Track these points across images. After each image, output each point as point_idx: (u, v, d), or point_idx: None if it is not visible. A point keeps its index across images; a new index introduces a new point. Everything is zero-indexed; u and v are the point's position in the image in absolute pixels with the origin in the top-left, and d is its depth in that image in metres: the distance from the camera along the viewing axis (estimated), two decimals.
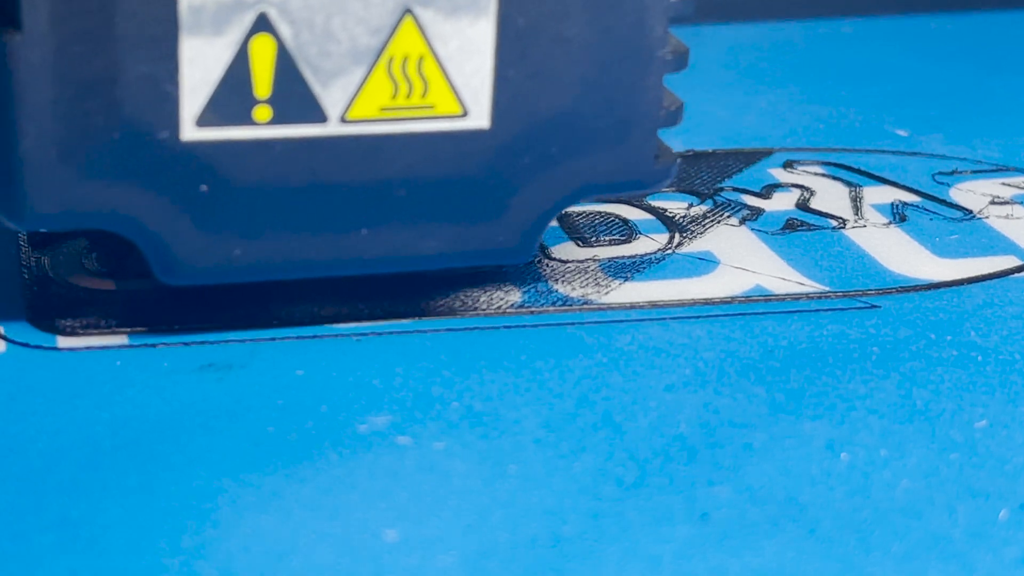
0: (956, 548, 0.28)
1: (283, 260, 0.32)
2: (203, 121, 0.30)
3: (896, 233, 0.39)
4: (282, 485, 0.29)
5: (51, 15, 0.29)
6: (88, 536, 0.27)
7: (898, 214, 0.40)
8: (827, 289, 0.36)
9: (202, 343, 0.33)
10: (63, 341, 0.33)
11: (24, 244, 0.36)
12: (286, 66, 0.30)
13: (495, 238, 0.33)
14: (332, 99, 0.31)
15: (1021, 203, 0.41)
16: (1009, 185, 0.42)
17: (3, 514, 0.28)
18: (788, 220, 0.39)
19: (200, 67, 0.30)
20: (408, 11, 0.31)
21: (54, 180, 0.30)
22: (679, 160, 0.34)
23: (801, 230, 0.39)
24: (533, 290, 0.35)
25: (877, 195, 0.41)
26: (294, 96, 0.31)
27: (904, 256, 0.38)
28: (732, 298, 0.35)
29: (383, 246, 0.32)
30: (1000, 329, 0.35)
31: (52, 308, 0.34)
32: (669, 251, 0.37)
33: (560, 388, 0.32)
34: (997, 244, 0.38)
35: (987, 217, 0.40)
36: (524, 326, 0.34)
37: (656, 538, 0.28)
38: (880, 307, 0.35)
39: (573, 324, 0.34)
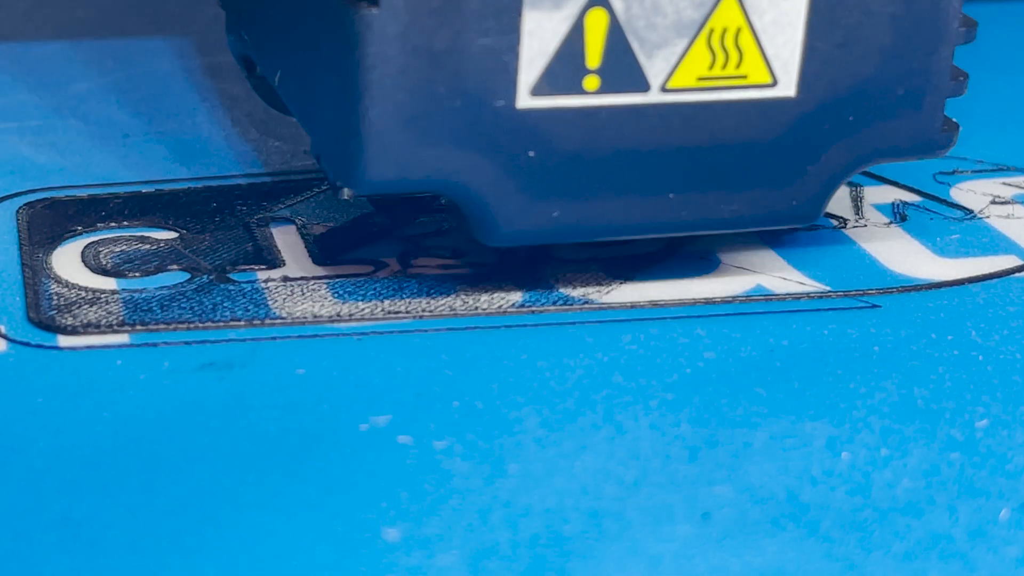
0: (956, 548, 0.28)
1: (596, 222, 0.33)
2: (537, 90, 0.32)
3: (897, 233, 0.39)
4: (282, 484, 0.29)
5: None
6: (88, 536, 0.27)
7: (899, 214, 0.40)
8: (828, 289, 0.36)
9: (202, 343, 0.33)
10: (63, 340, 0.33)
11: (25, 243, 0.36)
12: (616, 38, 0.32)
13: (789, 201, 0.34)
14: (655, 69, 0.32)
15: (1021, 203, 0.41)
16: (1009, 185, 0.42)
17: (3, 514, 0.28)
18: None
19: (538, 39, 0.31)
20: None
21: (395, 147, 0.31)
22: (959, 129, 0.35)
23: (802, 229, 0.39)
24: (533, 290, 0.35)
25: (878, 194, 0.41)
26: (621, 66, 0.32)
27: (905, 256, 0.38)
28: (732, 298, 0.35)
29: (688, 209, 0.33)
30: (1000, 329, 0.35)
31: (52, 307, 0.34)
32: (670, 250, 0.37)
33: (560, 388, 0.32)
34: (998, 244, 0.38)
35: (988, 217, 0.40)
36: (524, 326, 0.34)
37: (657, 537, 0.28)
38: (881, 307, 0.35)
39: (573, 324, 0.34)
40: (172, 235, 0.37)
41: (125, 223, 0.37)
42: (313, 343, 0.33)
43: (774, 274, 0.36)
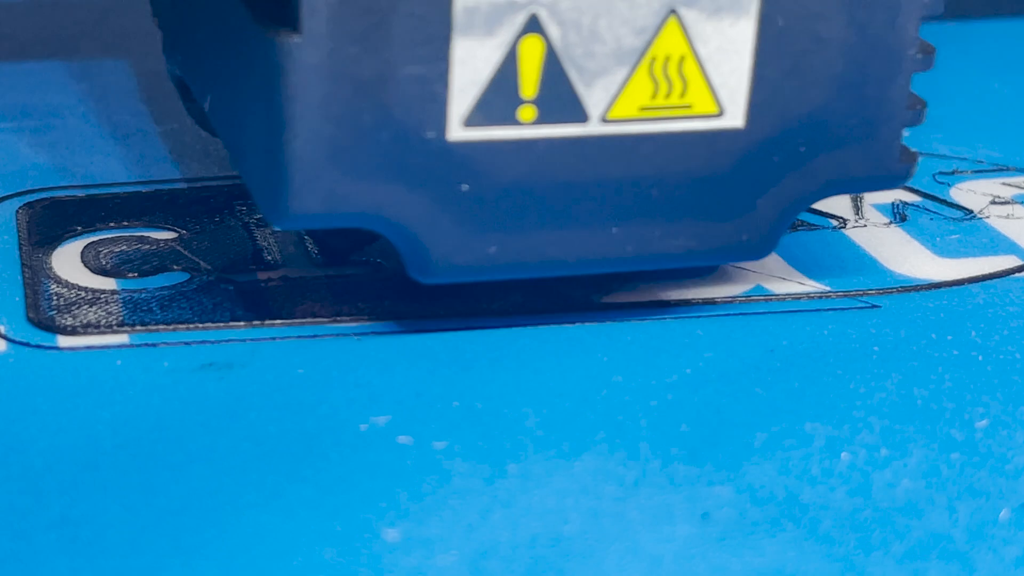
0: (956, 548, 0.28)
1: (535, 258, 0.32)
2: (470, 121, 0.30)
3: (896, 233, 0.39)
4: (282, 484, 0.29)
5: (330, 18, 0.29)
6: (88, 536, 0.27)
7: (899, 214, 0.40)
8: (827, 289, 0.36)
9: (202, 343, 0.33)
10: (63, 340, 0.33)
11: (24, 243, 0.36)
12: (552, 66, 0.31)
13: (739, 236, 0.33)
14: (594, 99, 0.31)
15: (1021, 203, 0.41)
16: (1009, 185, 0.42)
17: (3, 514, 0.28)
18: None
19: (470, 68, 0.30)
20: (673, 12, 0.31)
21: (320, 180, 0.30)
22: (919, 159, 0.34)
23: (801, 229, 0.39)
24: (533, 290, 0.35)
25: (878, 194, 0.41)
26: (558, 96, 0.31)
27: (904, 256, 0.38)
28: (732, 298, 0.35)
29: (632, 244, 0.32)
30: (1000, 329, 0.35)
31: (52, 307, 0.34)
32: None
33: (560, 388, 0.32)
34: (997, 244, 0.38)
35: (987, 217, 0.40)
36: (524, 326, 0.34)
37: (657, 538, 0.28)
38: (880, 307, 0.35)
39: (573, 324, 0.34)
40: (172, 235, 0.37)
41: (125, 223, 0.37)
42: (313, 343, 0.33)
43: (774, 274, 0.36)
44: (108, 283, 0.35)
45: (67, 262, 0.35)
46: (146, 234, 0.37)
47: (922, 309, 0.35)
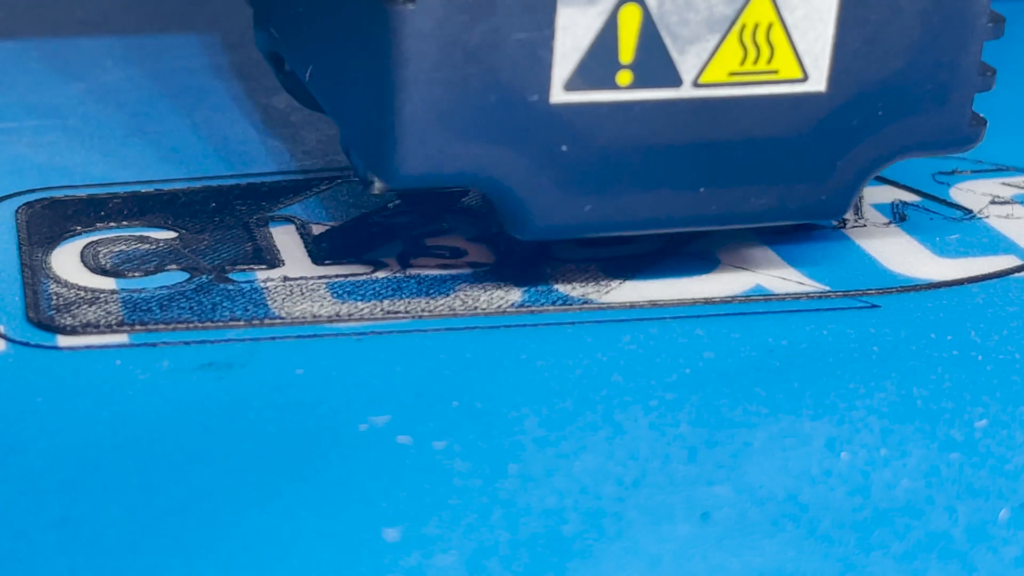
0: (956, 548, 0.28)
1: (627, 216, 0.33)
2: (571, 85, 0.32)
3: (896, 233, 0.39)
4: (282, 484, 0.29)
5: None
6: (88, 536, 0.27)
7: (898, 214, 0.40)
8: (827, 289, 0.36)
9: (201, 343, 0.33)
10: (63, 340, 0.33)
11: (24, 243, 0.36)
12: (649, 33, 0.32)
13: (818, 196, 0.34)
14: (687, 64, 0.32)
15: (1021, 203, 0.41)
16: (1009, 185, 0.42)
17: (3, 514, 0.28)
18: None
19: (572, 34, 0.32)
20: None
21: (429, 141, 0.31)
22: (987, 124, 0.35)
23: (801, 229, 0.39)
24: (533, 290, 0.35)
25: (877, 194, 0.41)
26: (653, 62, 0.32)
27: (904, 256, 0.38)
28: (732, 298, 0.35)
29: (718, 203, 0.34)
30: (1000, 329, 0.35)
31: (52, 307, 0.34)
32: (669, 250, 0.37)
33: (560, 388, 0.32)
34: (997, 244, 0.38)
35: (987, 217, 0.40)
36: (524, 326, 0.34)
37: (656, 537, 0.28)
38: (880, 307, 0.35)
39: (573, 324, 0.34)
40: (171, 235, 0.37)
41: (124, 223, 0.37)
42: (312, 343, 0.33)
43: (773, 274, 0.36)
44: (107, 283, 0.35)
45: (67, 262, 0.35)
46: (146, 234, 0.37)
47: (922, 309, 0.35)
